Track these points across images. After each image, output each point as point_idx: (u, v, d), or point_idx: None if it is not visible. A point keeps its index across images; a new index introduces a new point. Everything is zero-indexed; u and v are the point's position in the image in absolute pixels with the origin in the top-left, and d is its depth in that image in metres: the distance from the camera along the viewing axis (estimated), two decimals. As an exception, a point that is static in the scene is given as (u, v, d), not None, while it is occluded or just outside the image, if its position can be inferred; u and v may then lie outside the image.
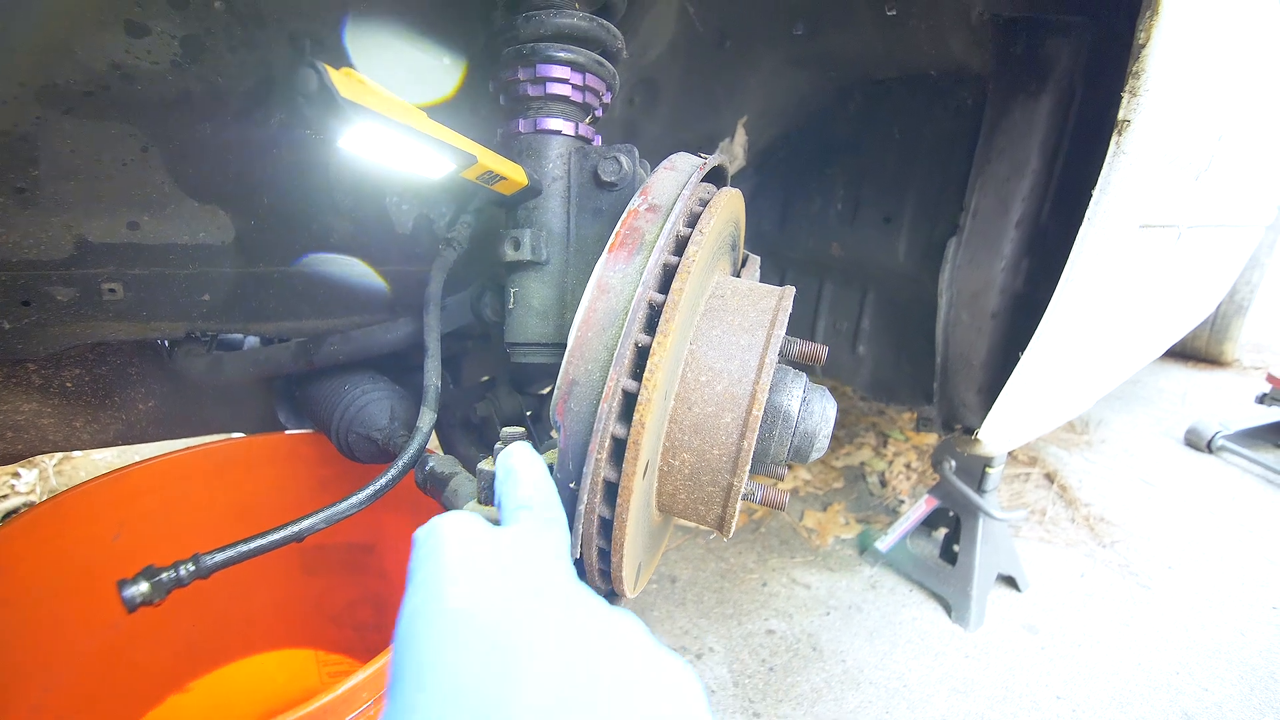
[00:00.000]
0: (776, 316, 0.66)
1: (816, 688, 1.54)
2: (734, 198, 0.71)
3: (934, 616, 1.80)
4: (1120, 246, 1.05)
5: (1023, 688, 1.57)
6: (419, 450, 0.73)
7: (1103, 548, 2.14)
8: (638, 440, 0.54)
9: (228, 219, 0.92)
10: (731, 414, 0.63)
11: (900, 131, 1.34)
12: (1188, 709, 1.55)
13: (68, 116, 0.76)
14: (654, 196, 0.59)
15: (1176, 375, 3.78)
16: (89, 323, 0.86)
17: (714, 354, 0.65)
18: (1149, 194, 1.03)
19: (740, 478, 0.64)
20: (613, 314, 0.53)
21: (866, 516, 2.24)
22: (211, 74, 0.81)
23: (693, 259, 0.57)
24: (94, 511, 0.91)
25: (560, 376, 0.52)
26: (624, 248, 0.55)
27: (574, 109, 0.81)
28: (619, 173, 0.76)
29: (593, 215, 0.80)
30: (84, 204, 0.82)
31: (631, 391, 0.54)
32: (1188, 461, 2.77)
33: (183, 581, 0.58)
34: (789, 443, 0.73)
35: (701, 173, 0.62)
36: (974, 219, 1.23)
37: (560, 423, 0.52)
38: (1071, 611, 1.84)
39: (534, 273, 0.80)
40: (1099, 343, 1.31)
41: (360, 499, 0.68)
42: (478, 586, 0.35)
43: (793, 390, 0.73)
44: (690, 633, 1.69)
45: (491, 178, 0.70)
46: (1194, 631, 1.79)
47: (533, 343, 0.80)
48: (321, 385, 0.96)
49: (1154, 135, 0.94)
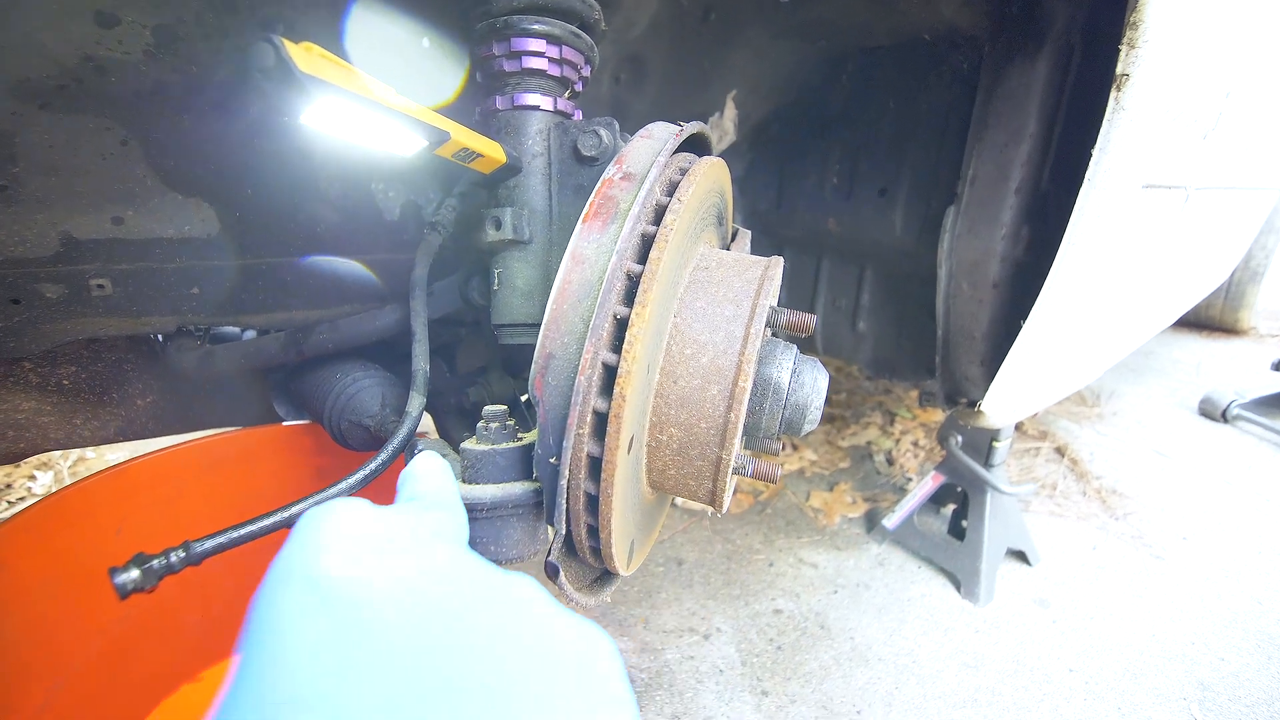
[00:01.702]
0: (763, 286, 0.65)
1: (825, 665, 1.54)
2: (716, 166, 0.69)
3: (943, 593, 1.79)
4: (1122, 208, 1.02)
5: (1034, 661, 1.56)
6: (409, 434, 0.73)
7: (1115, 520, 2.11)
8: (619, 413, 0.53)
9: (212, 212, 0.92)
10: (718, 386, 0.62)
11: (895, 102, 1.31)
12: (1204, 679, 1.53)
13: (43, 111, 0.76)
14: (629, 165, 0.57)
15: (1190, 345, 3.71)
16: (79, 319, 0.86)
17: (698, 326, 0.64)
18: (1151, 152, 1.00)
19: (729, 451, 0.63)
20: (588, 285, 0.52)
21: (874, 495, 2.22)
22: (186, 64, 0.80)
23: (670, 227, 0.56)
24: (95, 508, 0.92)
25: (537, 351, 0.52)
26: (598, 217, 0.54)
27: (552, 83, 0.79)
28: (599, 147, 0.75)
29: (574, 191, 0.78)
30: (67, 200, 0.82)
31: (612, 365, 0.53)
32: (1202, 431, 2.72)
33: (174, 568, 0.58)
34: (780, 415, 0.72)
35: (678, 140, 0.61)
36: (972, 187, 1.20)
37: (539, 398, 0.52)
38: (1083, 584, 1.82)
39: (517, 252, 0.79)
40: (1104, 310, 1.29)
41: (351, 483, 0.68)
42: (347, 553, 0.34)
43: (782, 362, 0.71)
44: (698, 614, 1.69)
45: (468, 155, 0.69)
46: (1209, 602, 1.77)
47: (519, 323, 0.80)
48: (314, 375, 0.96)
49: (1155, 90, 0.91)
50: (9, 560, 0.81)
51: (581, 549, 0.65)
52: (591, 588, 0.73)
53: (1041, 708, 1.44)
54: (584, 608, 0.67)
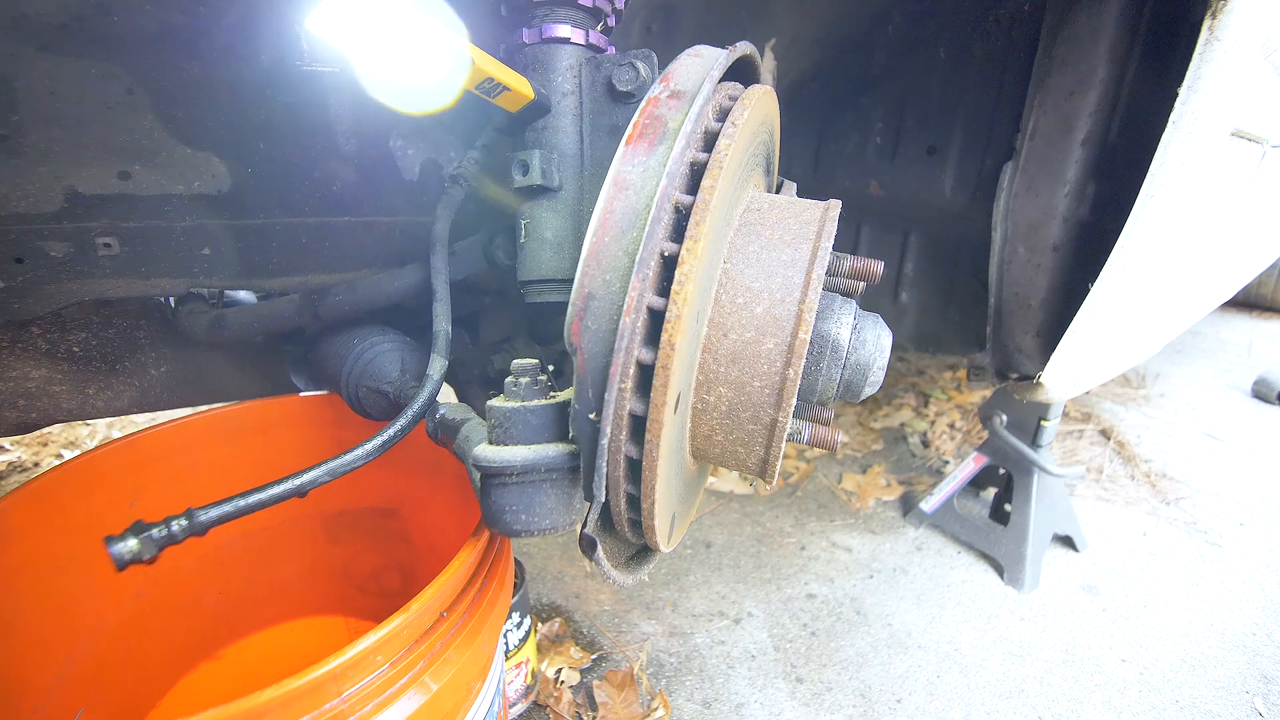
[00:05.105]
0: (824, 228, 0.58)
1: (862, 652, 1.47)
2: (768, 95, 0.62)
3: (985, 579, 1.70)
4: (1209, 157, 0.93)
5: (1084, 651, 1.48)
6: (429, 399, 0.67)
7: (1166, 505, 2.00)
8: (667, 365, 0.46)
9: (223, 167, 0.87)
10: (774, 339, 0.55)
11: (946, 51, 1.22)
12: (1267, 671, 1.43)
13: (43, 54, 0.71)
14: (677, 82, 0.51)
15: (1240, 325, 3.53)
16: (86, 280, 0.82)
17: (752, 272, 0.57)
18: (1243, 92, 0.90)
19: (786, 413, 0.57)
20: (633, 214, 0.46)
21: (909, 478, 2.14)
22: (193, 3, 0.75)
23: (725, 153, 0.49)
24: (106, 478, 0.88)
25: (575, 290, 0.45)
26: (644, 138, 0.47)
27: (583, 14, 0.72)
28: (636, 81, 0.68)
29: (609, 133, 0.72)
30: (71, 152, 0.77)
31: (658, 309, 0.47)
32: (1256, 414, 2.58)
33: (175, 538, 0.53)
34: (838, 377, 0.65)
35: (730, 58, 0.54)
36: (1032, 141, 1.11)
37: (576, 345, 0.45)
38: (1134, 571, 1.73)
39: (546, 200, 0.72)
40: (1175, 276, 1.19)
41: (367, 450, 0.63)
42: None
43: (842, 317, 0.64)
44: (728, 598, 1.64)
45: (493, 88, 0.63)
46: (1271, 590, 1.67)
47: (547, 279, 0.73)
48: (330, 342, 0.91)
49: (1254, 18, 0.81)
50: (19, 529, 0.78)
51: (620, 521, 0.59)
52: (629, 565, 0.67)
53: (1094, 699, 1.36)
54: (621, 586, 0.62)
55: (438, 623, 0.64)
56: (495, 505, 0.55)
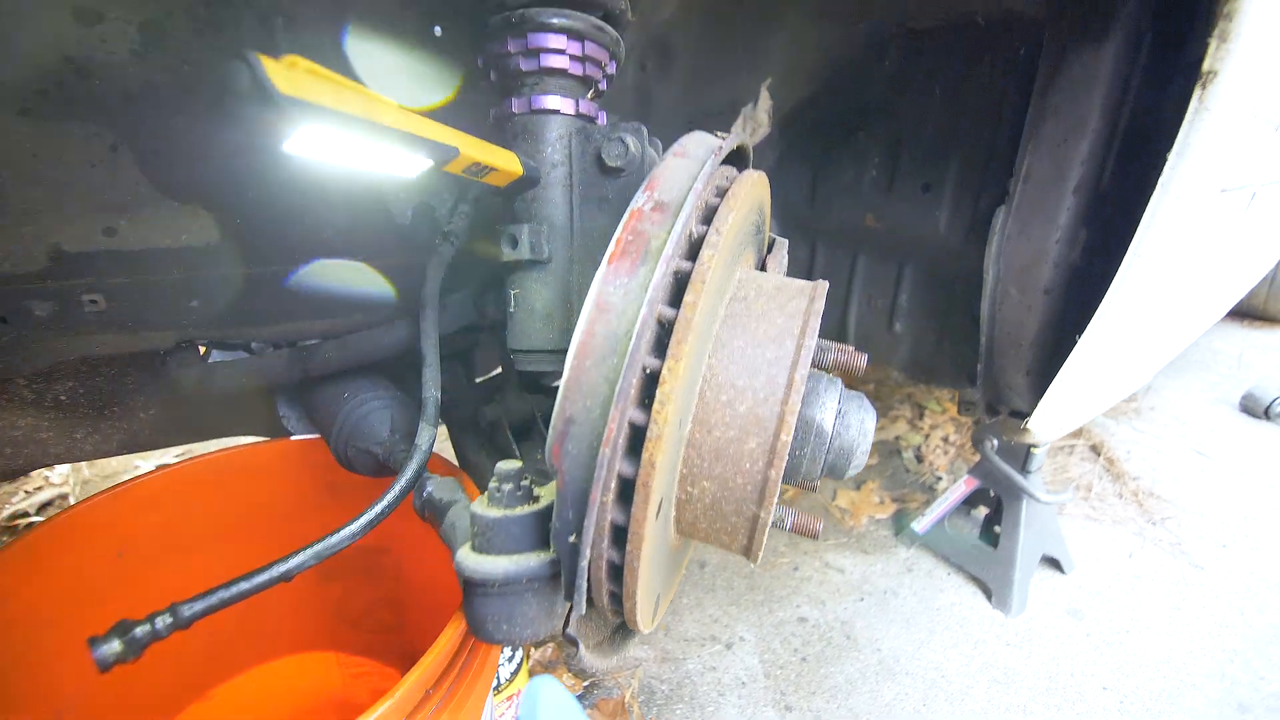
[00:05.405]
0: (807, 323, 0.58)
1: (851, 679, 1.49)
2: (757, 185, 0.62)
3: (973, 601, 1.73)
4: (1197, 215, 0.93)
5: (1067, 678, 1.50)
6: (417, 473, 0.67)
7: (1152, 525, 2.03)
8: (648, 482, 0.47)
9: (211, 219, 0.86)
10: (757, 439, 0.56)
11: (942, 90, 1.21)
12: (1243, 700, 1.46)
13: (23, 118, 0.70)
14: (661, 192, 0.50)
15: (1232, 335, 3.55)
16: (72, 337, 0.82)
17: (736, 369, 0.57)
18: (1232, 154, 0.90)
19: (767, 509, 0.57)
20: (614, 338, 0.46)
21: (902, 495, 2.16)
22: (177, 62, 0.74)
23: (708, 265, 0.49)
24: (95, 530, 0.89)
25: (555, 414, 0.45)
26: (626, 256, 0.47)
27: (574, 84, 0.72)
28: (625, 156, 0.68)
29: (598, 205, 0.71)
30: (54, 211, 0.77)
31: (640, 424, 0.47)
32: (1244, 430, 2.60)
33: (160, 635, 0.54)
34: (822, 460, 0.65)
35: (718, 159, 0.53)
36: (1025, 185, 1.11)
37: (557, 467, 0.46)
38: (1119, 595, 1.75)
39: (535, 272, 0.72)
40: (1163, 317, 1.19)
41: (353, 530, 0.63)
42: None
43: (826, 401, 0.65)
44: (720, 620, 1.66)
45: (480, 170, 0.62)
46: (1250, 616, 1.70)
47: (537, 349, 0.73)
48: (321, 392, 0.91)
49: (1243, 89, 0.81)
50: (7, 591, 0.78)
51: (602, 610, 0.60)
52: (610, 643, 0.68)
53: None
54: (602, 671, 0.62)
55: (424, 700, 0.65)
56: (478, 614, 0.55)
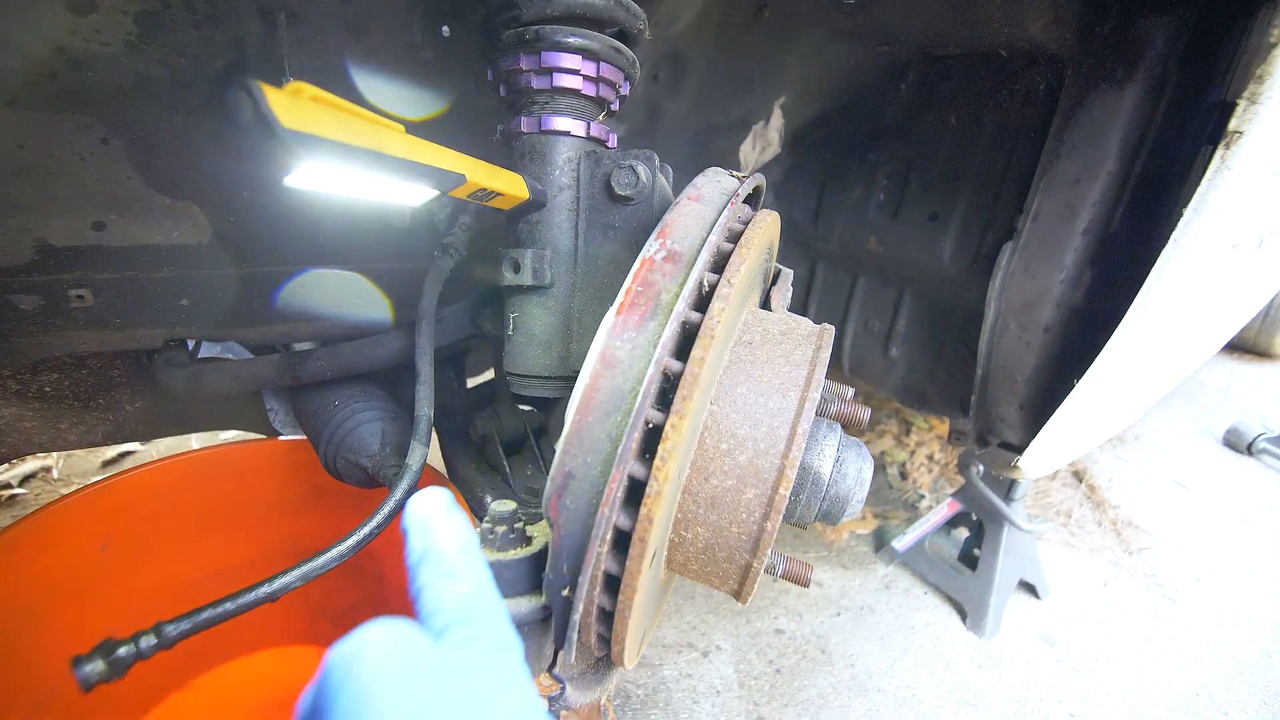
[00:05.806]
0: (813, 374, 0.57)
1: (823, 693, 1.51)
2: (769, 227, 0.60)
3: (948, 622, 1.75)
4: (1208, 270, 0.92)
5: (1035, 703, 1.53)
6: (407, 493, 0.66)
7: (1129, 555, 2.05)
8: (644, 537, 0.46)
9: (204, 217, 0.84)
10: (755, 490, 0.55)
11: (957, 118, 1.20)
12: (1207, 733, 1.49)
13: (11, 109, 0.67)
14: (674, 240, 0.49)
15: (1220, 368, 3.59)
16: (57, 332, 0.80)
17: (738, 417, 0.56)
18: (1248, 212, 0.89)
19: (761, 559, 0.57)
20: (619, 395, 0.44)
21: (884, 512, 2.17)
22: (173, 55, 0.71)
23: (717, 319, 0.47)
24: (79, 525, 0.87)
25: (554, 466, 0.44)
26: (635, 309, 0.46)
27: (586, 105, 0.70)
28: (635, 185, 0.66)
29: (604, 232, 0.70)
30: (41, 203, 0.74)
31: (639, 478, 0.46)
32: (1226, 464, 2.64)
33: (144, 655, 0.53)
34: (817, 506, 0.65)
35: (734, 207, 0.52)
36: (1034, 223, 1.10)
37: (554, 520, 0.45)
38: (1091, 623, 1.78)
39: (536, 297, 0.71)
40: (1163, 361, 1.19)
41: (341, 551, 0.62)
42: None
43: (825, 448, 0.64)
44: (698, 629, 1.67)
45: (486, 194, 0.61)
46: (1218, 650, 1.73)
47: (534, 375, 0.72)
48: (312, 398, 0.90)
49: (1267, 150, 0.80)
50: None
51: (588, 647, 0.59)
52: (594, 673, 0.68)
53: (1040, 755, 1.41)
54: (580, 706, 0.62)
55: None
56: (465, 656, 0.54)
